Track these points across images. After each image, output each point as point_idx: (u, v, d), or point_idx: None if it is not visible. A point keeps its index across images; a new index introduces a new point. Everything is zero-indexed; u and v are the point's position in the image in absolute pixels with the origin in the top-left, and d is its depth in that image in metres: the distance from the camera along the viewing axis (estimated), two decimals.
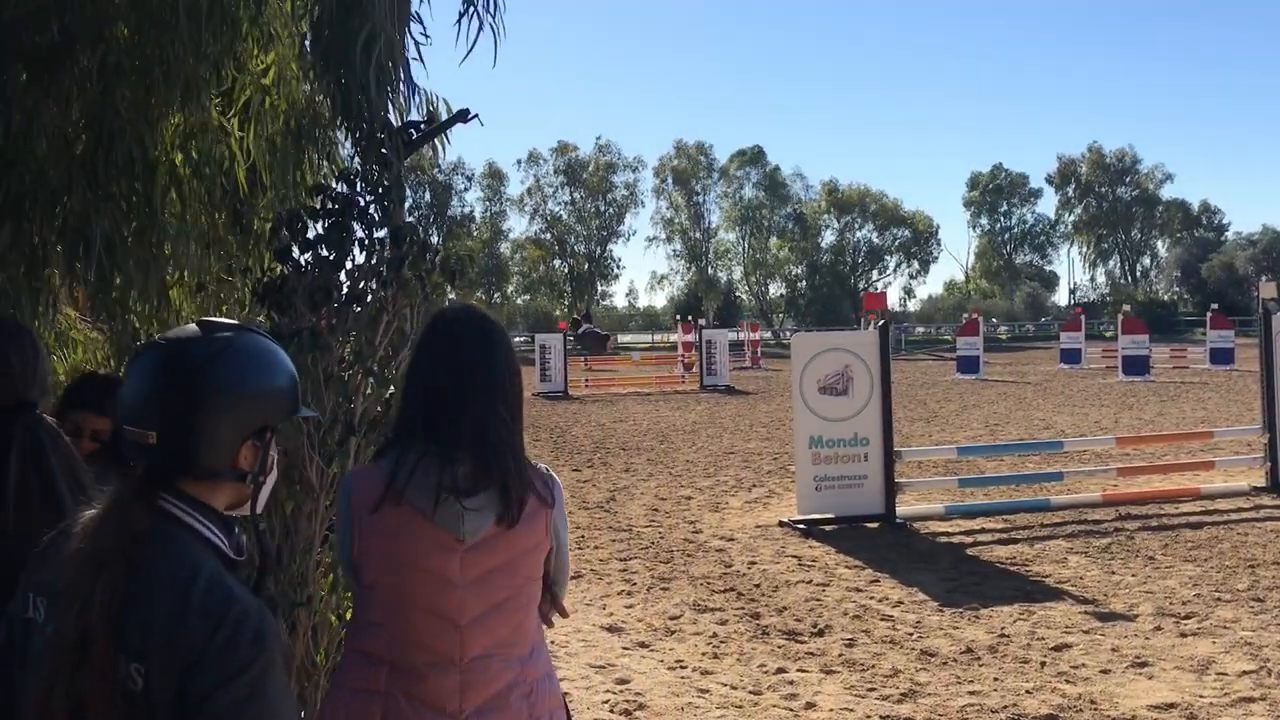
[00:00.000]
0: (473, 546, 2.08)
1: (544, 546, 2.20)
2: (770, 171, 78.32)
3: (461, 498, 2.07)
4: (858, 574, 7.76)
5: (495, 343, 2.21)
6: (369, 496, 2.09)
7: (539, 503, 2.17)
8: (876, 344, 9.51)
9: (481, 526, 2.09)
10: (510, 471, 2.11)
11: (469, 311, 2.26)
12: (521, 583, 2.16)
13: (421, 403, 2.15)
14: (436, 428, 2.11)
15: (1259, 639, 5.93)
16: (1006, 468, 11.97)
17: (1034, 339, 65.23)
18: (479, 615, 2.09)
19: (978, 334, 31.59)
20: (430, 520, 2.07)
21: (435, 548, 2.07)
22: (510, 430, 2.17)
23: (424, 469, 2.07)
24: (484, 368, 2.16)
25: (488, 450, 2.10)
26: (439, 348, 2.18)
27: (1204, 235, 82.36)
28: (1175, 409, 19.58)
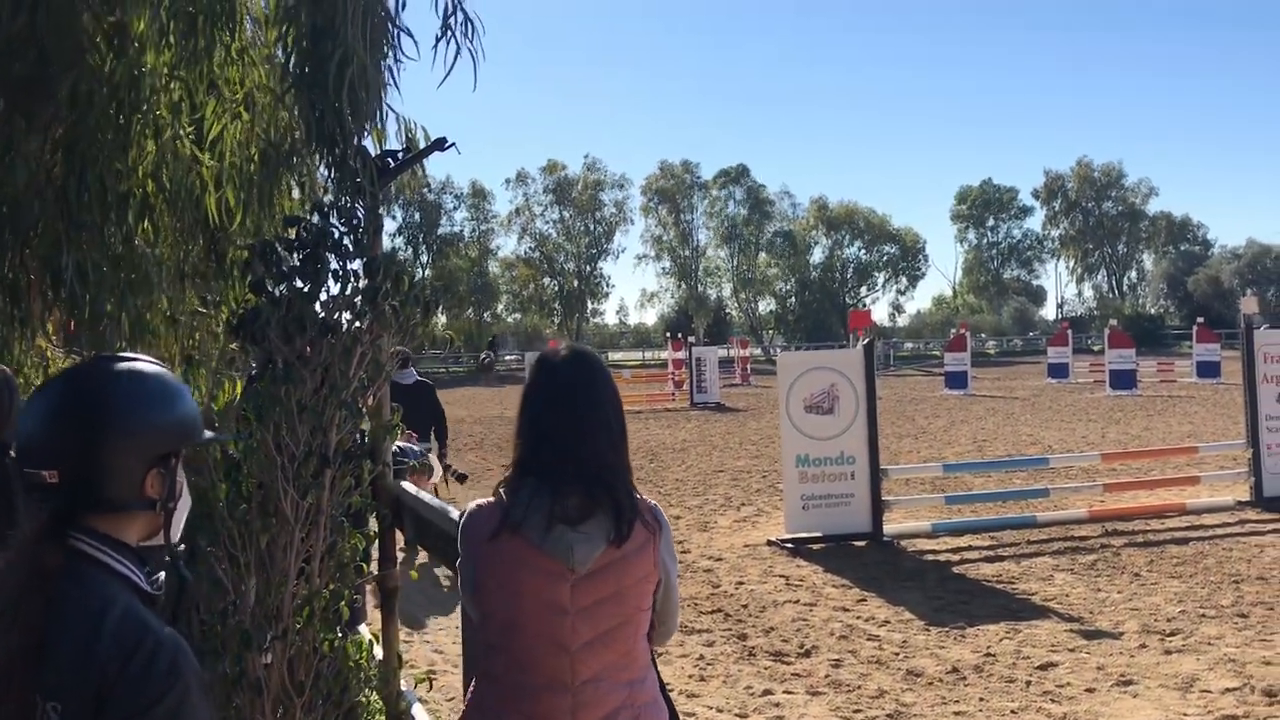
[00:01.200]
0: (584, 576, 2.19)
1: (652, 578, 2.29)
2: (754, 189, 78.62)
3: (572, 526, 2.19)
4: (845, 593, 7.76)
5: (599, 380, 2.33)
6: (485, 528, 2.23)
7: (646, 532, 2.27)
8: (862, 362, 9.53)
9: (592, 553, 2.19)
10: (620, 494, 2.24)
11: (573, 351, 2.39)
12: (631, 612, 2.26)
13: (533, 440, 2.28)
14: (548, 463, 2.24)
15: (1242, 655, 5.93)
16: (993, 484, 11.98)
17: (1022, 354, 65.43)
18: (589, 641, 2.20)
19: (965, 350, 31.67)
20: (542, 550, 2.18)
21: (548, 577, 2.19)
22: (617, 462, 2.30)
23: (537, 502, 2.20)
24: (589, 405, 2.29)
25: (597, 481, 2.23)
26: (547, 388, 2.32)
27: (1190, 249, 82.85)
28: (1162, 423, 19.64)
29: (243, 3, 3.02)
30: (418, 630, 7.13)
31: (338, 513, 2.90)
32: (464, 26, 3.01)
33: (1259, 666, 5.73)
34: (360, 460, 2.95)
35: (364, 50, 2.76)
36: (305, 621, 2.81)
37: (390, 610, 3.38)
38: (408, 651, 6.66)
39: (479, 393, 40.07)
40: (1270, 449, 10.50)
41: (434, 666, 6.30)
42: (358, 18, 2.72)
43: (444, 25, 2.97)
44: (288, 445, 2.75)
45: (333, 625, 2.90)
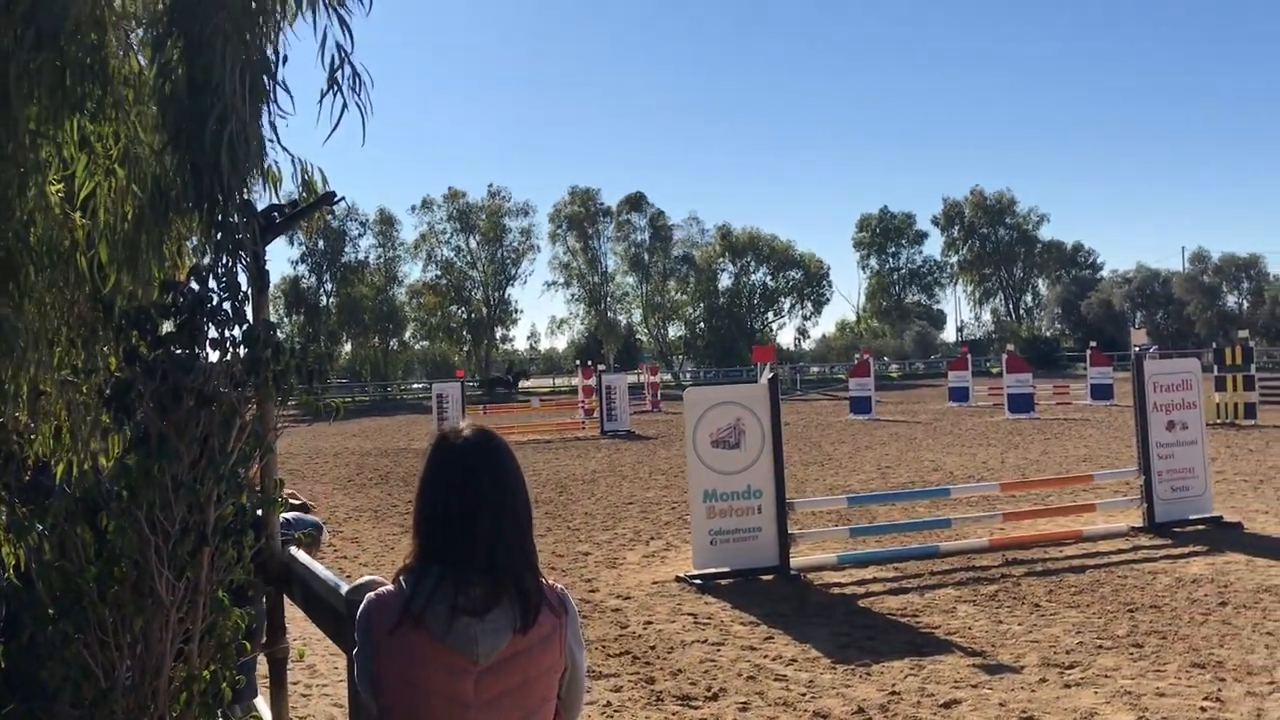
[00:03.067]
0: (488, 669, 2.12)
1: (559, 667, 2.23)
2: (654, 216, 79.23)
3: (477, 617, 2.11)
4: (752, 630, 7.75)
5: (502, 464, 2.24)
6: (387, 619, 2.13)
7: (554, 619, 2.21)
8: (767, 397, 9.57)
9: (498, 645, 2.12)
10: (526, 582, 2.17)
11: (474, 434, 2.28)
12: (536, 704, 2.20)
13: (434, 526, 2.19)
14: (451, 551, 2.15)
15: (1138, 687, 6.05)
16: (897, 514, 12.13)
17: (924, 376, 66.80)
18: None
19: (869, 375, 32.20)
20: (445, 643, 2.10)
21: (450, 670, 2.10)
22: (523, 548, 2.22)
23: (440, 592, 2.12)
24: (493, 491, 2.20)
25: (502, 568, 2.15)
26: (447, 473, 2.22)
27: (1082, 274, 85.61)
28: (1059, 447, 20.16)
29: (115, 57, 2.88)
30: (316, 681, 6.91)
31: (219, 590, 2.76)
32: (351, 80, 2.93)
33: (1154, 698, 5.85)
34: (243, 534, 2.82)
35: (244, 106, 2.66)
36: (183, 706, 2.67)
37: (280, 682, 3.24)
38: (306, 705, 6.46)
39: (383, 424, 39.43)
40: (1161, 476, 10.82)
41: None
42: (236, 73, 2.62)
43: (330, 79, 2.88)
44: (162, 524, 2.61)
45: (213, 709, 2.76)
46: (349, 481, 19.39)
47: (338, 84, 3.02)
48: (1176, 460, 10.91)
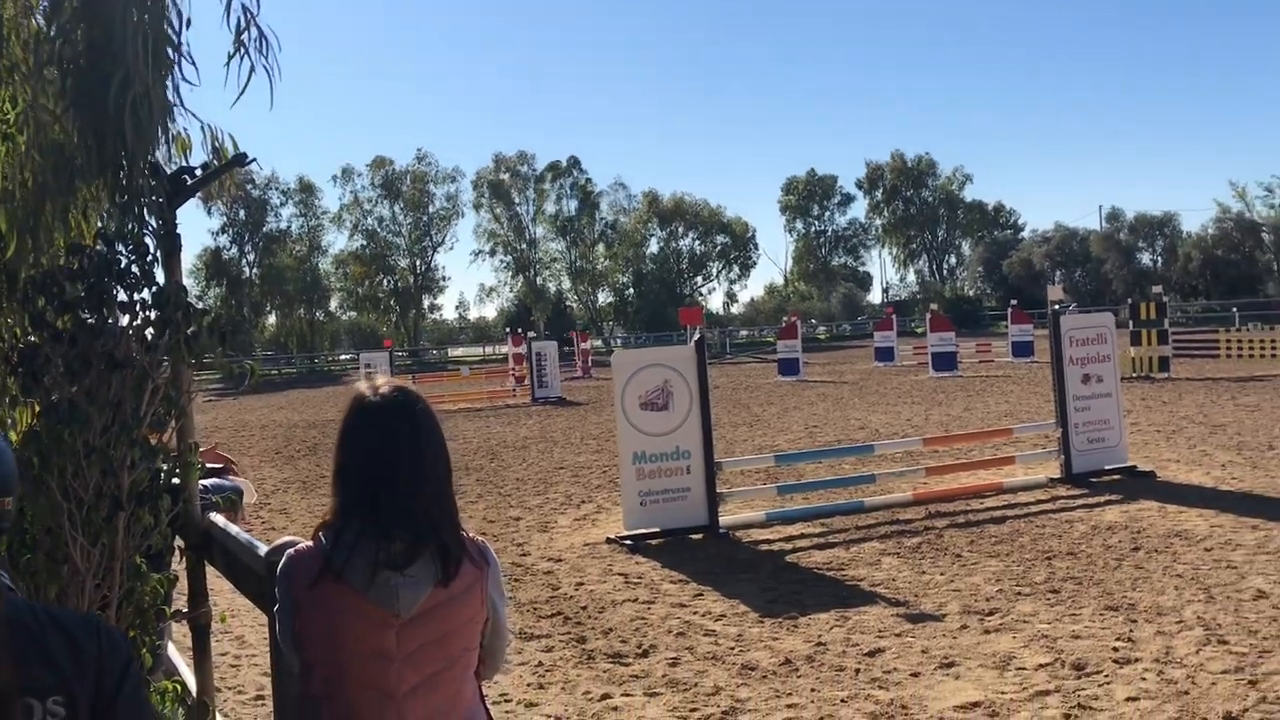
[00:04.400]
0: (410, 621, 2.13)
1: (480, 617, 2.26)
2: (582, 183, 78.90)
3: (398, 571, 2.13)
4: (682, 588, 7.84)
5: (420, 419, 2.25)
6: (307, 574, 2.15)
7: (475, 570, 2.23)
8: (694, 359, 9.64)
9: (419, 597, 2.14)
10: (446, 535, 2.19)
11: (391, 387, 2.29)
12: (458, 653, 2.22)
13: (354, 483, 2.20)
14: (370, 507, 2.16)
15: (1054, 631, 6.26)
16: (824, 472, 12.33)
17: (851, 338, 67.71)
18: (415, 686, 2.15)
19: (797, 337, 32.54)
20: (366, 597, 2.11)
21: (371, 624, 2.12)
22: (442, 502, 2.23)
23: (360, 547, 2.13)
24: (411, 446, 2.21)
25: (422, 523, 2.17)
26: (366, 430, 2.22)
27: (1003, 235, 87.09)
28: (981, 403, 20.60)
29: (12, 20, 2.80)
30: (245, 651, 6.86)
31: (135, 556, 2.73)
32: (258, 42, 2.88)
33: (1069, 641, 6.05)
34: (158, 499, 2.79)
35: (147, 70, 2.60)
36: None
37: (203, 649, 3.22)
38: (235, 675, 6.42)
39: (310, 395, 38.94)
40: (1078, 428, 11.13)
41: (262, 691, 6.09)
42: (139, 36, 2.56)
43: (236, 41, 2.83)
44: (75, 490, 2.57)
45: None
46: (276, 453, 19.16)
47: (244, 46, 2.97)
48: (1092, 412, 11.23)
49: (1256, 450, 12.47)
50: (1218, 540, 8.17)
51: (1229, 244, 66.22)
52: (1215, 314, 56.31)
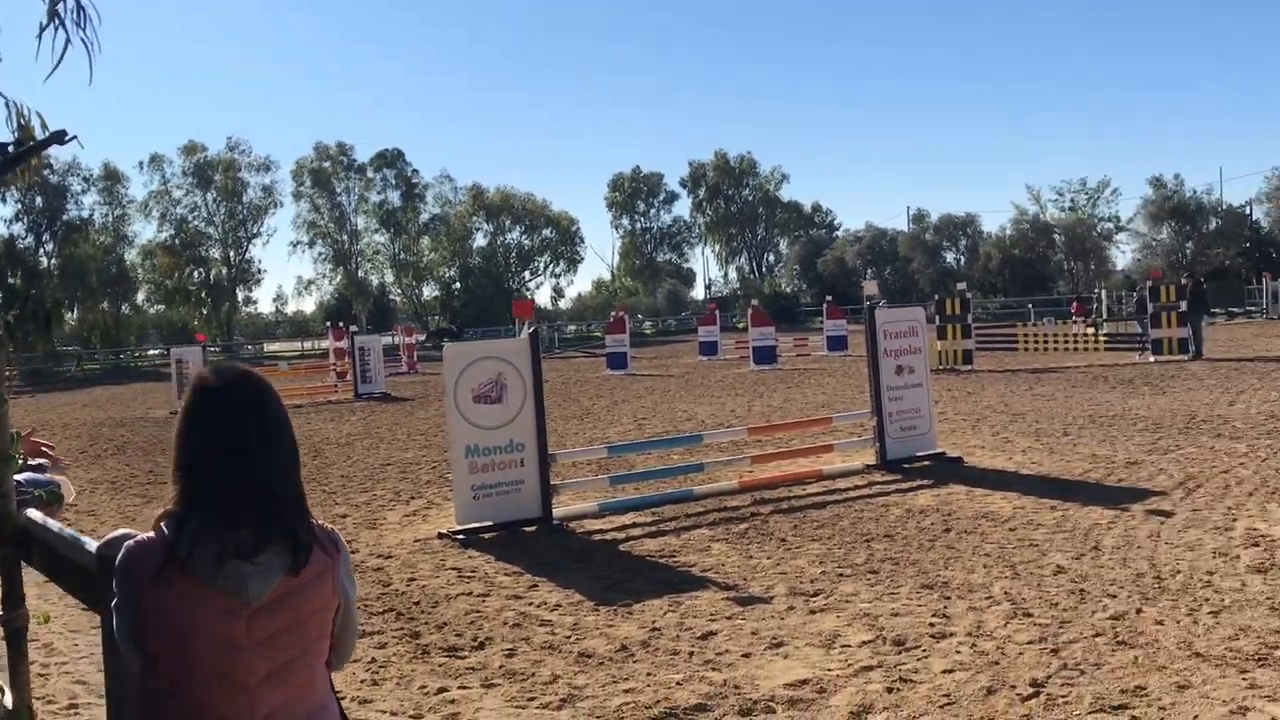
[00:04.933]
0: (259, 609, 2.09)
1: (331, 605, 2.22)
2: (407, 174, 77.54)
3: (246, 560, 2.08)
4: (517, 580, 7.85)
5: (267, 404, 2.21)
6: (149, 565, 2.08)
7: (325, 558, 2.20)
8: (528, 351, 9.64)
9: (268, 585, 2.10)
10: (295, 522, 2.16)
11: (235, 373, 2.24)
12: (310, 642, 2.19)
13: (198, 470, 2.14)
14: (217, 494, 2.11)
15: (875, 609, 6.56)
16: (654, 462, 12.52)
17: (676, 333, 68.79)
18: (267, 675, 2.11)
19: (625, 332, 32.86)
20: (214, 586, 2.06)
21: (220, 614, 2.07)
22: (291, 489, 2.20)
23: (206, 535, 2.08)
24: (259, 431, 2.17)
25: (270, 509, 2.13)
26: (210, 414, 2.16)
27: (818, 234, 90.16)
28: (800, 394, 21.30)
29: None
30: (54, 660, 6.49)
31: None
32: (75, 14, 2.75)
33: (889, 618, 6.36)
34: None
35: None
36: None
37: (19, 654, 3.05)
38: (44, 685, 6.07)
39: (116, 392, 36.92)
40: (891, 417, 11.66)
41: (75, 700, 5.78)
42: None
43: (51, 12, 2.70)
44: None
45: None
46: (82, 453, 18.11)
47: (59, 17, 2.83)
48: (905, 402, 11.78)
49: (1053, 437, 13.34)
50: (1021, 521, 8.71)
51: (1025, 244, 70.36)
52: (1012, 310, 59.81)
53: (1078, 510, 8.94)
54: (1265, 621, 5.83)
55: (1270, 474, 9.98)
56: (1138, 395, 17.57)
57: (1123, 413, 15.31)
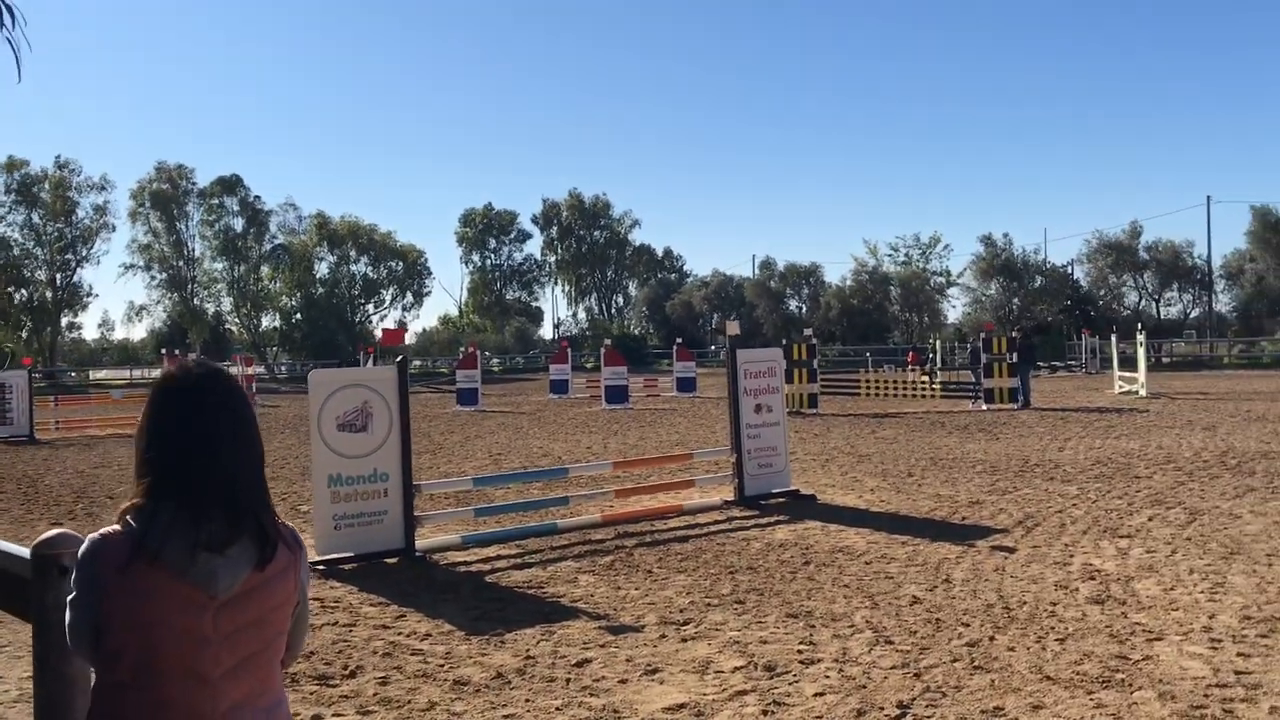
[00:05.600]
0: (226, 603, 2.12)
1: (292, 601, 2.26)
2: (249, 200, 75.41)
3: (217, 553, 2.10)
4: (383, 610, 7.72)
5: (237, 400, 2.25)
6: (116, 558, 2.07)
7: (289, 554, 2.24)
8: (395, 380, 9.54)
9: (236, 579, 2.12)
10: (264, 517, 2.20)
11: (205, 369, 2.27)
12: (271, 637, 2.21)
13: (169, 463, 2.14)
14: (186, 488, 2.13)
15: (744, 637, 6.73)
16: (515, 495, 12.49)
17: (524, 371, 68.60)
18: (230, 669, 2.13)
19: (476, 367, 32.62)
20: (184, 579, 2.08)
21: (188, 606, 2.08)
22: (258, 484, 2.24)
23: (177, 528, 2.09)
24: (229, 426, 2.20)
25: (239, 503, 2.16)
26: (183, 410, 2.19)
27: (667, 277, 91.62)
28: (654, 433, 21.56)
29: None
30: None
31: None
32: None
33: (758, 645, 6.53)
34: None
35: None
36: None
37: None
38: None
39: None
40: (750, 454, 11.96)
41: None
42: None
43: None
44: None
45: None
46: None
47: None
48: (763, 440, 12.12)
49: (899, 477, 13.90)
50: (875, 555, 9.06)
51: (863, 295, 73.02)
52: (850, 358, 61.89)
53: (927, 545, 9.36)
54: (1106, 648, 6.24)
55: (1101, 514, 10.67)
56: (974, 440, 18.47)
57: (961, 456, 16.07)
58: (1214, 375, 42.86)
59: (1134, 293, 65.51)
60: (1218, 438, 17.61)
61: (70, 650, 2.24)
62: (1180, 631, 6.52)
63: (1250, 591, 7.44)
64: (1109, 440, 17.74)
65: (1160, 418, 22.05)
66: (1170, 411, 23.68)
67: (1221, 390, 31.67)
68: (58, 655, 2.39)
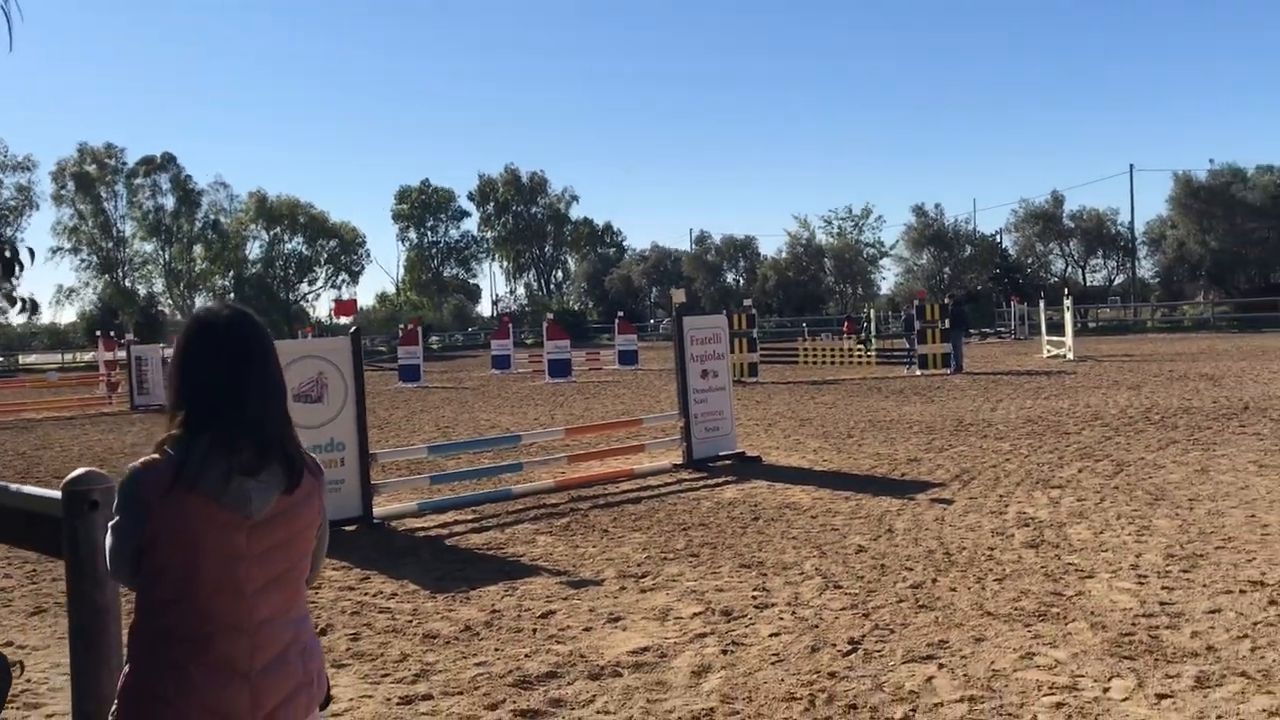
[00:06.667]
0: (259, 524, 2.32)
1: (316, 522, 2.50)
2: (181, 179, 74.04)
3: (251, 477, 2.31)
4: (346, 574, 7.89)
5: (264, 337, 2.46)
6: (159, 485, 2.26)
7: (314, 479, 2.47)
8: (350, 350, 9.67)
9: (268, 501, 2.33)
10: (290, 445, 2.42)
11: (234, 309, 2.48)
12: (298, 556, 2.44)
13: (204, 397, 2.35)
14: (220, 418, 2.33)
15: (700, 586, 7.02)
16: (468, 464, 12.67)
17: (464, 348, 68.36)
18: (263, 585, 2.35)
19: (418, 344, 32.60)
20: (220, 502, 2.28)
21: (225, 527, 2.29)
22: (284, 415, 2.45)
23: (213, 457, 2.29)
24: (258, 361, 2.41)
25: (269, 433, 2.37)
26: (215, 345, 2.39)
27: (605, 252, 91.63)
28: (599, 404, 21.82)
29: None
30: None
31: None
32: None
33: (714, 593, 6.83)
34: None
35: None
36: None
37: None
38: None
39: None
40: (697, 418, 12.26)
41: None
42: None
43: None
44: None
45: None
46: None
47: None
48: (709, 404, 12.42)
49: (839, 438, 14.32)
50: (820, 509, 9.42)
51: (798, 267, 73.76)
52: (787, 329, 62.65)
53: (870, 500, 9.74)
54: (1041, 585, 6.64)
55: (1033, 467, 11.15)
56: (910, 403, 18.98)
57: (899, 418, 16.55)
58: (1138, 338, 44.15)
59: (1060, 260, 67.04)
60: (1142, 396, 18.30)
61: (105, 577, 2.43)
62: (1110, 570, 6.94)
63: (1173, 533, 7.90)
64: (1039, 400, 18.35)
65: (1087, 379, 22.80)
66: (1096, 373, 24.47)
67: (1145, 352, 32.70)
68: (92, 584, 2.57)
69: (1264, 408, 15.54)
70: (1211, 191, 56.52)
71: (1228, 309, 54.07)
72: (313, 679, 2.46)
